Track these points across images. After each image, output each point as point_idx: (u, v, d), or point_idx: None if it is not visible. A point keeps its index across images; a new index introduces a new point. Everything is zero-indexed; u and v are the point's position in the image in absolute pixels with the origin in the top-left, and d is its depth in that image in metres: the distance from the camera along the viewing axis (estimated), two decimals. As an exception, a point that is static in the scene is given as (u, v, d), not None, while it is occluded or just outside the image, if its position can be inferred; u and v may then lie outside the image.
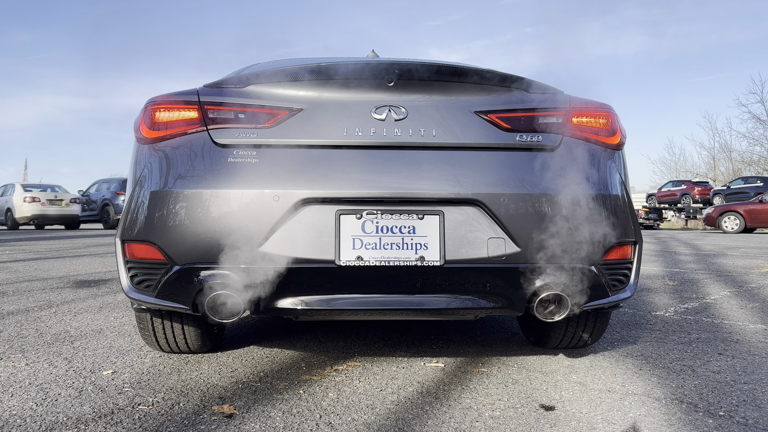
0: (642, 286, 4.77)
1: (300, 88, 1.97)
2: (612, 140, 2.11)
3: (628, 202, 2.08)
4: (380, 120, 1.94)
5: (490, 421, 1.75)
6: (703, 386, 2.07)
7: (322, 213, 1.85)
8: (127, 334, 2.88)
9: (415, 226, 1.87)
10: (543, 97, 2.07)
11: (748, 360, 2.43)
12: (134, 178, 2.01)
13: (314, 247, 1.83)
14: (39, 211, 17.41)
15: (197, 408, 1.84)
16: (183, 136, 1.94)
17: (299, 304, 1.89)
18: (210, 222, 1.83)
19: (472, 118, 1.98)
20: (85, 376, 2.17)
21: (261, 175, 1.86)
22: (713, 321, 3.29)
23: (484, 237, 1.89)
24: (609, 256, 2.00)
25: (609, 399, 1.94)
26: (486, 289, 1.93)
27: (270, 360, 2.41)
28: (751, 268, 6.12)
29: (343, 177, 1.86)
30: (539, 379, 2.16)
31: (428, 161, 1.91)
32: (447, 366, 2.33)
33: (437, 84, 2.00)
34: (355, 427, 1.70)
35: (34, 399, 1.91)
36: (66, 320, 3.23)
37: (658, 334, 2.94)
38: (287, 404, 1.88)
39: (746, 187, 22.36)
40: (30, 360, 2.40)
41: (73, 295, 4.17)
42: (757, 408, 1.85)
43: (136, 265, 1.97)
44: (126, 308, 3.61)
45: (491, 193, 1.89)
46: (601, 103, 2.15)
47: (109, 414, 1.78)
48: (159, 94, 2.03)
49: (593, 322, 2.37)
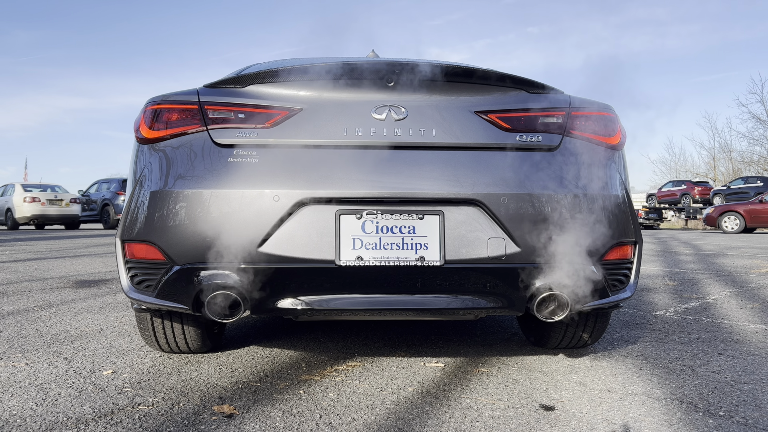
0: (642, 286, 4.77)
1: (300, 88, 1.97)
2: (612, 140, 2.11)
3: (628, 202, 2.08)
4: (380, 120, 1.94)
5: (490, 421, 1.75)
6: (703, 386, 2.07)
7: (322, 213, 1.85)
8: (127, 334, 2.88)
9: (415, 226, 1.87)
10: (543, 97, 2.07)
11: (748, 360, 2.43)
12: (134, 178, 2.01)
13: (314, 247, 1.83)
14: (39, 211, 17.41)
15: (197, 408, 1.84)
16: (183, 136, 1.94)
17: (299, 304, 1.89)
18: (210, 222, 1.83)
19: (472, 118, 1.98)
20: (85, 376, 2.17)
21: (261, 175, 1.86)
22: (713, 321, 3.29)
23: (484, 237, 1.89)
24: (609, 256, 2.00)
25: (609, 399, 1.94)
26: (486, 289, 1.93)
27: (270, 360, 2.41)
28: (751, 268, 6.12)
29: (343, 177, 1.86)
30: (539, 379, 2.16)
31: (428, 161, 1.91)
32: (447, 366, 2.33)
33: (437, 84, 2.00)
34: (355, 427, 1.70)
35: (34, 399, 1.91)
36: (66, 320, 3.23)
37: (658, 334, 2.94)
38: (287, 404, 1.88)
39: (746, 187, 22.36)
40: (30, 360, 2.40)
41: (73, 295, 4.18)
42: (757, 408, 1.85)
43: (136, 265, 1.97)
44: (126, 308, 3.61)
45: (491, 193, 1.89)
46: (602, 103, 2.15)
47: (109, 414, 1.78)
48: (159, 93, 2.04)
49: (593, 322, 2.37)
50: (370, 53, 3.03)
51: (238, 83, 2.00)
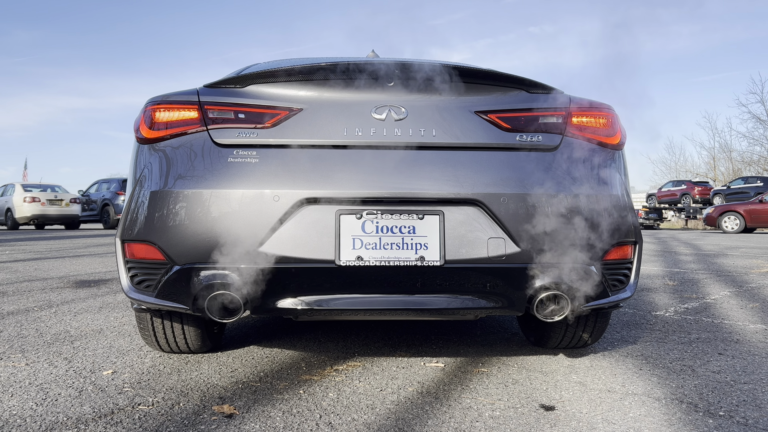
0: (642, 286, 4.77)
1: (300, 88, 1.97)
2: (612, 140, 2.11)
3: (628, 202, 2.08)
4: (380, 120, 1.94)
5: (490, 421, 1.75)
6: (703, 386, 2.07)
7: (322, 213, 1.85)
8: (127, 334, 2.88)
9: (415, 226, 1.87)
10: (543, 97, 2.07)
11: (748, 360, 2.43)
12: (134, 178, 2.01)
13: (314, 247, 1.83)
14: (39, 211, 17.41)
15: (197, 408, 1.84)
16: (183, 136, 1.94)
17: (299, 304, 1.89)
18: (210, 222, 1.83)
19: (472, 118, 1.98)
20: (85, 376, 2.17)
21: (261, 175, 1.86)
22: (713, 321, 3.29)
23: (484, 237, 1.89)
24: (609, 256, 2.00)
25: (609, 399, 1.94)
26: (486, 289, 1.93)
27: (270, 360, 2.41)
28: (751, 268, 6.12)
29: (343, 177, 1.86)
30: (539, 379, 2.16)
31: (428, 161, 1.91)
32: (447, 366, 2.33)
33: (437, 84, 2.00)
34: (355, 427, 1.70)
35: (34, 399, 1.91)
36: (66, 320, 3.23)
37: (658, 334, 2.94)
38: (287, 404, 1.88)
39: (746, 187, 22.36)
40: (30, 360, 2.40)
41: (73, 295, 4.18)
42: (757, 408, 1.85)
43: (136, 265, 1.97)
44: (126, 308, 3.61)
45: (491, 193, 1.89)
46: (602, 103, 2.15)
47: (109, 414, 1.78)
48: (159, 93, 2.04)
49: (593, 322, 2.37)
50: (370, 53, 3.03)
51: (238, 83, 2.00)
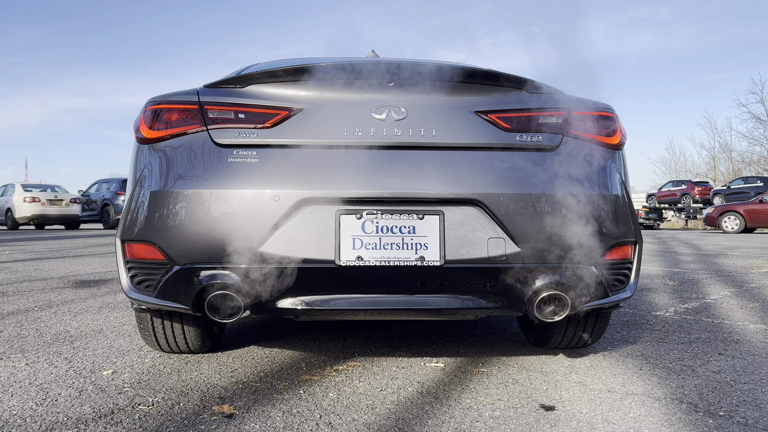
0: (642, 286, 4.77)
1: (300, 88, 1.97)
2: (612, 140, 2.11)
3: (628, 202, 2.08)
4: (380, 120, 1.94)
5: (490, 421, 1.75)
6: (703, 386, 2.07)
7: (322, 213, 1.85)
8: (127, 334, 2.88)
9: (415, 226, 1.87)
10: (543, 97, 2.07)
11: (748, 360, 2.43)
12: (134, 178, 2.01)
13: (314, 247, 1.83)
14: (39, 211, 17.41)
15: (197, 408, 1.84)
16: (183, 136, 1.94)
17: (299, 304, 1.89)
18: (210, 222, 1.83)
19: (472, 118, 1.98)
20: (85, 376, 2.17)
21: (261, 175, 1.86)
22: (713, 321, 3.29)
23: (484, 237, 1.89)
24: (609, 256, 2.00)
25: (609, 399, 1.94)
26: (486, 289, 1.93)
27: (270, 360, 2.41)
28: (751, 268, 6.12)
29: (343, 177, 1.86)
30: (539, 379, 2.16)
31: (428, 161, 1.91)
32: (447, 366, 2.33)
33: (437, 84, 2.00)
34: (355, 427, 1.70)
35: (34, 399, 1.91)
36: (66, 320, 3.23)
37: (658, 334, 2.94)
38: (287, 404, 1.88)
39: (746, 187, 22.35)
40: (30, 360, 2.40)
41: (73, 295, 4.18)
42: (757, 408, 1.85)
43: (136, 265, 1.97)
44: (126, 308, 3.61)
45: (491, 193, 1.89)
46: (602, 103, 2.15)
47: (109, 414, 1.78)
48: (159, 93, 2.04)
49: (593, 322, 2.37)
50: (370, 53, 3.03)
51: (238, 83, 2.00)
